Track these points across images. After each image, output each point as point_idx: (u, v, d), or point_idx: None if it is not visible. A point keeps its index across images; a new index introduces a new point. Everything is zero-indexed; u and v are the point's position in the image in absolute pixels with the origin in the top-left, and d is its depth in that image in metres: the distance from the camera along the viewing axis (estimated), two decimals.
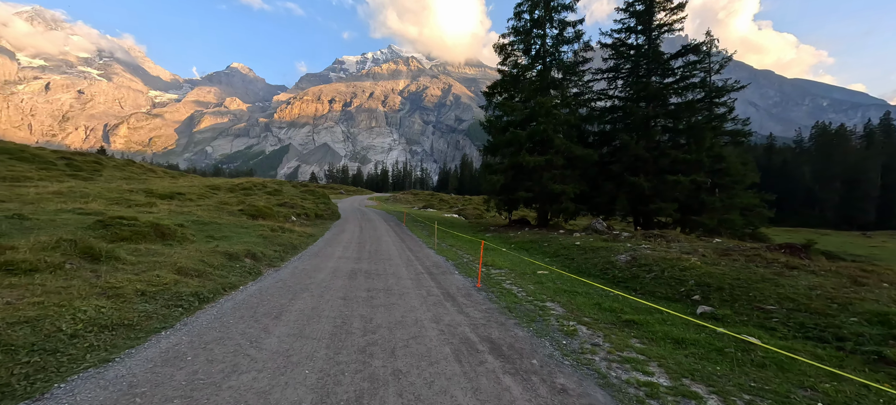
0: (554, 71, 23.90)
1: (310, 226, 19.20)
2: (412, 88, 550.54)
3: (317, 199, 29.79)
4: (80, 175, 23.63)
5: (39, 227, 7.84)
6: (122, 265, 5.98)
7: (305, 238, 13.63)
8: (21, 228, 7.61)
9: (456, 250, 13.55)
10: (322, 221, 21.48)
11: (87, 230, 8.25)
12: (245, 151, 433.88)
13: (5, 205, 10.65)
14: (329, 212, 24.88)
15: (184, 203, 17.58)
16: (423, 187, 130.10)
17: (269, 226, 14.18)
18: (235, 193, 25.16)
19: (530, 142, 21.16)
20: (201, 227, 11.80)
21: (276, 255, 9.73)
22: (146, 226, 9.05)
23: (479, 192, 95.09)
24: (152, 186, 20.57)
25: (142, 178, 26.46)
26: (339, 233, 16.22)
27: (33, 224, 7.97)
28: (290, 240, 12.10)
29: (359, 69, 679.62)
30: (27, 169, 20.66)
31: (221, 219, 14.25)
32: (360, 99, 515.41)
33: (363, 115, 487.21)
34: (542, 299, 6.86)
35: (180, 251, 7.69)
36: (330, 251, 11.35)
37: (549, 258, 12.42)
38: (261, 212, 17.70)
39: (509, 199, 22.36)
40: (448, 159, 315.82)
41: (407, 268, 9.42)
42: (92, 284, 4.80)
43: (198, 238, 10.40)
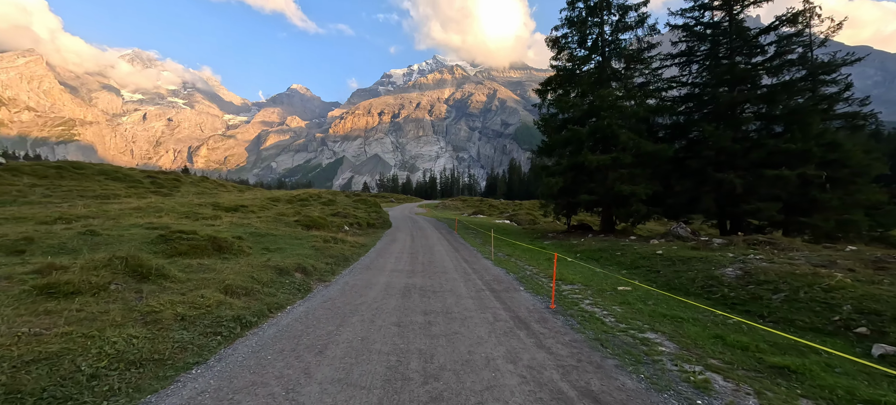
0: (614, 61, 21.78)
1: (362, 235, 19.03)
2: (457, 96, 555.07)
3: (368, 208, 30.04)
4: (162, 191, 25.88)
5: (107, 243, 8.02)
6: (170, 284, 5.65)
7: (357, 249, 13.22)
8: (90, 244, 7.81)
9: (515, 261, 12.31)
10: (374, 230, 21.29)
11: (149, 245, 8.34)
12: (304, 165, 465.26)
13: (89, 221, 11.41)
14: (380, 221, 24.79)
15: (246, 215, 18.25)
16: (471, 193, 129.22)
17: (322, 236, 14.01)
18: (293, 204, 26.05)
19: (591, 139, 19.27)
20: (258, 239, 11.80)
21: (327, 269, 9.24)
22: (204, 239, 9.02)
23: (529, 196, 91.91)
24: (220, 200, 21.80)
25: (212, 193, 28.49)
26: (391, 243, 15.71)
27: (103, 239, 8.19)
28: (341, 252, 11.69)
29: (405, 81, 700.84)
30: (118, 187, 22.97)
31: (278, 230, 14.37)
32: (407, 110, 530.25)
33: (411, 125, 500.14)
34: (638, 327, 5.46)
35: (233, 266, 7.40)
36: (382, 263, 10.72)
37: (628, 270, 10.71)
38: (315, 222, 17.81)
39: (569, 203, 20.53)
40: (495, 164, 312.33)
41: (465, 283, 8.41)
42: (131, 308, 4.39)
43: (254, 250, 10.30)
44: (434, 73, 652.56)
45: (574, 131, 18.95)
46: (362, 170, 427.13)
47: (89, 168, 25.75)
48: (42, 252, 6.99)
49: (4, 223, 10.62)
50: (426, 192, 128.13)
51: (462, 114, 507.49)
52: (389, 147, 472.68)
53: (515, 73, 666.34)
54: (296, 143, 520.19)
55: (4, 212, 12.37)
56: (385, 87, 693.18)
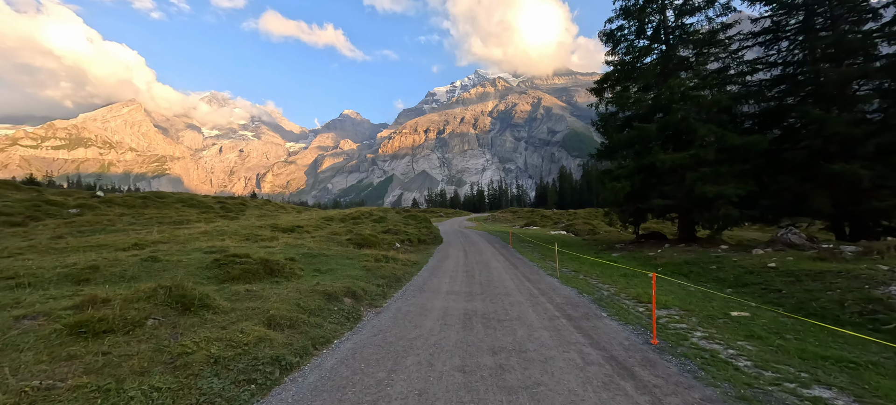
0: (681, 48, 19.43)
1: (413, 252, 18.43)
2: (501, 108, 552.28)
3: (419, 223, 29.68)
4: (229, 215, 27.60)
5: (166, 269, 8.01)
6: (212, 315, 5.19)
7: (409, 267, 12.51)
8: (150, 271, 7.83)
9: (585, 278, 10.79)
10: (425, 247, 20.65)
11: (204, 270, 8.23)
12: (357, 185, 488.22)
13: (158, 247, 11.92)
14: (431, 237, 24.16)
15: (301, 235, 18.53)
16: (520, 204, 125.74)
17: (374, 255, 13.53)
18: (346, 223, 26.41)
19: (661, 136, 17.13)
20: (310, 260, 11.54)
21: (378, 292, 8.53)
22: (256, 263, 8.79)
23: (582, 204, 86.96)
24: (278, 222, 22.58)
25: (273, 215, 29.92)
26: (444, 260, 14.84)
27: (163, 266, 8.23)
28: (393, 272, 11.02)
29: (448, 97, 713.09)
30: (192, 213, 24.82)
31: (330, 249, 14.16)
32: (451, 125, 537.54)
33: (456, 140, 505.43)
34: (793, 376, 3.92)
35: (281, 291, 6.92)
36: (436, 283, 9.82)
37: (733, 289, 8.75)
38: (367, 240, 17.54)
39: (637, 210, 18.32)
40: (544, 173, 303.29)
41: (533, 307, 7.20)
42: (161, 349, 3.86)
43: (305, 272, 9.96)
44: (476, 88, 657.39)
45: (640, 129, 16.94)
46: (411, 186, 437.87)
47: (169, 197, 28.32)
48: (105, 280, 7.04)
49: (89, 250, 11.39)
50: (474, 206, 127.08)
51: (506, 125, 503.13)
52: (436, 163, 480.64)
53: (560, 80, 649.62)
54: (349, 165, 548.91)
55: (92, 240, 13.44)
56: (429, 105, 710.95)
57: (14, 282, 6.16)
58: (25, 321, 3.97)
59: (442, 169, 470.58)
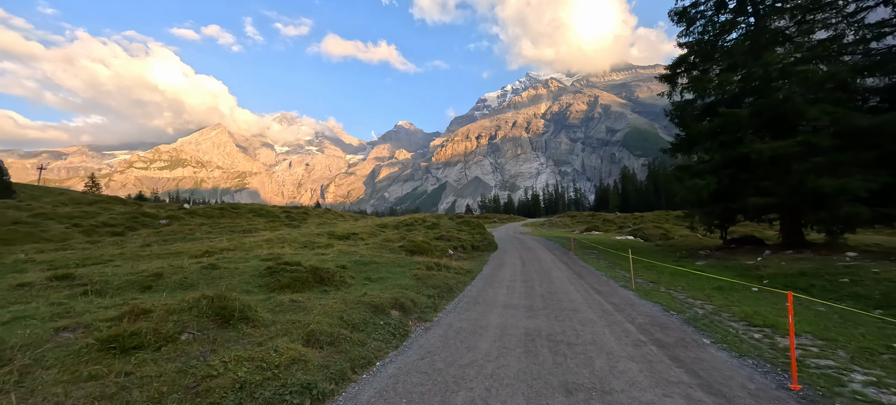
0: (774, 19, 16.51)
1: (467, 259, 17.65)
2: (554, 109, 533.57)
3: (472, 229, 28.88)
4: (293, 224, 29.16)
5: (222, 277, 8.10)
6: (250, 330, 4.84)
7: (462, 276, 11.72)
8: (208, 278, 7.95)
9: (668, 290, 9.16)
10: (479, 253, 19.76)
11: (256, 278, 8.20)
12: (412, 193, 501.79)
13: (225, 254, 12.50)
14: (485, 243, 23.19)
15: (355, 242, 18.70)
16: (578, 208, 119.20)
17: (425, 262, 12.97)
18: (399, 230, 26.47)
19: (755, 122, 14.54)
20: (361, 268, 11.28)
21: (429, 303, 7.85)
22: (307, 271, 8.61)
23: (649, 207, 79.55)
24: (335, 229, 23.21)
25: (332, 223, 31.11)
26: (499, 268, 13.83)
27: (220, 273, 8.35)
28: (445, 281, 10.31)
29: (500, 102, 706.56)
30: (260, 222, 26.59)
31: (382, 257, 13.91)
32: (503, 130, 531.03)
33: (508, 144, 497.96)
34: None
35: (327, 302, 6.52)
36: (491, 295, 8.91)
37: (883, 310, 6.68)
38: (419, 247, 17.14)
39: (725, 211, 15.72)
40: (603, 175, 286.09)
41: (609, 327, 6.00)
42: (186, 371, 3.48)
43: (356, 280, 9.66)
44: (528, 90, 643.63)
45: (727, 116, 14.52)
46: (464, 193, 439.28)
47: (242, 208, 30.77)
48: (166, 288, 7.21)
49: (166, 257, 12.28)
50: (529, 211, 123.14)
51: (561, 126, 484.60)
52: (488, 168, 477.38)
53: (618, 75, 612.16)
54: (404, 174, 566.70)
55: (172, 248, 14.59)
56: (480, 111, 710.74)
57: (84, 288, 6.44)
58: (65, 333, 3.85)
59: (495, 174, 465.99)
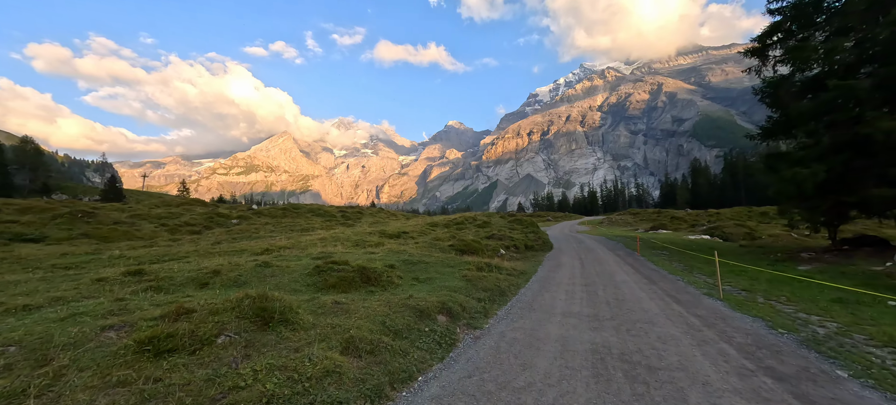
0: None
1: (520, 259, 16.72)
2: (612, 100, 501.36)
3: (525, 228, 27.65)
4: (348, 223, 30.18)
5: (274, 275, 8.20)
6: (289, 333, 4.59)
7: (515, 278, 10.92)
8: (260, 276, 8.07)
9: (767, 301, 7.59)
10: (533, 253, 18.69)
11: (304, 277, 8.17)
12: (462, 192, 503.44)
13: (284, 251, 12.96)
14: (540, 242, 21.96)
15: (405, 241, 18.65)
16: (640, 205, 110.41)
17: (476, 263, 12.35)
18: (449, 229, 26.13)
19: (879, 95, 11.85)
20: (409, 267, 10.97)
21: (479, 308, 7.22)
22: (353, 271, 8.43)
23: (724, 203, 70.84)
24: (387, 228, 23.47)
25: (384, 222, 31.71)
26: (556, 270, 12.77)
27: (272, 271, 8.48)
28: (496, 283, 9.60)
29: (552, 97, 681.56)
30: (318, 221, 27.85)
31: (431, 256, 13.54)
32: (556, 125, 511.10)
33: (562, 140, 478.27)
34: None
35: (371, 304, 6.19)
36: (548, 300, 8.04)
37: None
38: (469, 246, 16.57)
39: (838, 205, 13.05)
40: (669, 168, 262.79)
41: (699, 347, 4.91)
42: (215, 380, 3.23)
43: (404, 280, 9.35)
44: (582, 83, 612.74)
45: (840, 89, 11.99)
46: (516, 191, 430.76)
47: (302, 208, 32.57)
48: (221, 284, 7.40)
49: (231, 254, 13.04)
50: (586, 208, 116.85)
51: (620, 118, 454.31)
52: (541, 165, 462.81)
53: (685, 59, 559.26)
54: (454, 173, 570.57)
55: (237, 245, 15.57)
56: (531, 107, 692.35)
57: (149, 284, 6.76)
58: (109, 332, 3.83)
59: (547, 171, 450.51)
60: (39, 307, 5.06)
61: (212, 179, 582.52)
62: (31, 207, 22.69)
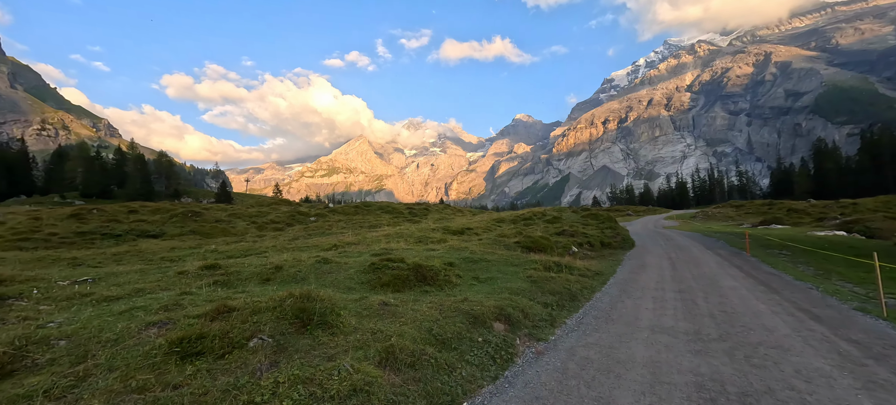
0: None
1: (594, 258, 15.03)
2: (704, 78, 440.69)
3: (601, 223, 25.21)
4: (414, 219, 30.64)
5: (331, 272, 8.17)
6: (327, 338, 4.23)
7: (589, 280, 9.60)
8: (318, 272, 8.10)
9: None
10: (610, 252, 16.75)
11: (359, 274, 7.99)
12: (532, 187, 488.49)
13: (349, 248, 13.26)
14: (618, 239, 19.68)
15: (469, 238, 18.06)
16: (744, 196, 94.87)
17: (543, 261, 11.22)
18: (516, 224, 24.90)
19: None
20: (470, 266, 10.32)
21: (544, 315, 6.26)
22: (408, 269, 8.04)
23: (862, 192, 56.97)
24: (451, 224, 23.14)
25: (449, 218, 31.59)
26: (639, 271, 11.05)
27: (331, 268, 8.48)
28: (566, 285, 8.45)
29: (630, 80, 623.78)
30: (386, 218, 28.73)
31: (494, 254, 12.72)
32: (636, 111, 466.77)
33: (642, 126, 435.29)
34: None
35: (420, 308, 5.66)
36: (630, 309, 6.73)
37: None
38: (537, 243, 15.37)
39: None
40: (783, 152, 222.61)
41: (867, 391, 3.40)
42: (235, 390, 2.92)
43: (463, 279, 8.75)
44: (667, 62, 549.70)
45: None
46: (590, 184, 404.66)
47: (373, 206, 33.99)
48: (282, 280, 7.54)
49: (304, 249, 13.73)
50: (673, 201, 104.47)
51: (715, 97, 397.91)
52: (618, 156, 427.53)
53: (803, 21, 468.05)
54: (523, 168, 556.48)
55: (310, 241, 16.48)
56: (606, 93, 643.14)
57: (217, 279, 7.08)
58: (151, 329, 3.82)
59: (626, 162, 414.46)
60: (118, 298, 5.44)
61: (300, 182, 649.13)
62: (158, 209, 27.09)
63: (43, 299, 5.32)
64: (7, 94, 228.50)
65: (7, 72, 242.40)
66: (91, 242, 15.95)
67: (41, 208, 30.13)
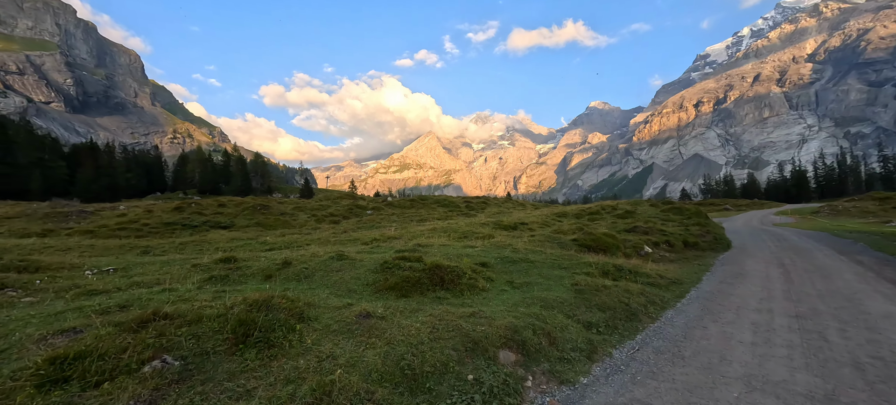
0: None
1: (673, 261, 12.33)
2: (833, 43, 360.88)
3: (686, 218, 21.34)
4: (469, 213, 29.43)
5: (342, 269, 7.39)
6: (259, 362, 3.27)
7: (659, 291, 7.47)
8: (327, 270, 7.37)
9: None
10: (696, 254, 13.74)
11: (369, 273, 7.06)
12: (609, 179, 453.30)
13: (381, 243, 12.62)
14: (709, 239, 16.19)
15: (520, 233, 16.37)
16: (889, 187, 75.13)
17: (600, 264, 9.23)
18: (581, 219, 22.31)
19: None
20: (507, 267, 8.85)
21: (581, 343, 4.61)
22: (422, 270, 6.90)
23: None
24: (505, 218, 21.48)
25: (507, 212, 29.72)
26: (734, 281, 8.45)
27: (343, 265, 7.70)
28: (624, 298, 6.53)
29: (731, 54, 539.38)
30: (440, 211, 28.01)
31: (543, 252, 10.96)
32: (738, 89, 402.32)
33: (747, 106, 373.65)
34: None
35: (412, 323, 4.48)
36: (715, 341, 4.71)
37: None
38: (598, 242, 13.15)
39: None
40: None
41: None
42: None
43: (495, 283, 7.43)
44: (780, 28, 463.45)
45: None
46: (678, 175, 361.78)
47: (429, 199, 33.60)
48: (285, 277, 6.95)
49: (345, 243, 13.48)
50: (787, 193, 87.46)
51: (847, 67, 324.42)
52: (714, 142, 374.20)
53: None
54: (599, 159, 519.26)
55: (355, 234, 16.27)
56: (699, 71, 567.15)
57: (222, 273, 6.69)
58: (58, 338, 3.23)
59: (724, 148, 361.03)
60: (105, 292, 5.19)
61: (375, 178, 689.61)
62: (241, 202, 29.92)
63: (41, 290, 5.26)
64: (150, 111, 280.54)
65: (150, 92, 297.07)
66: (172, 232, 17.80)
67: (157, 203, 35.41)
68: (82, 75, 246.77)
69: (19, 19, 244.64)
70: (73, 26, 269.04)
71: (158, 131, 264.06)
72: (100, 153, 55.31)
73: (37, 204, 28.82)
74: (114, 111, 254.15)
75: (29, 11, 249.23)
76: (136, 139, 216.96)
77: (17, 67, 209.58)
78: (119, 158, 59.41)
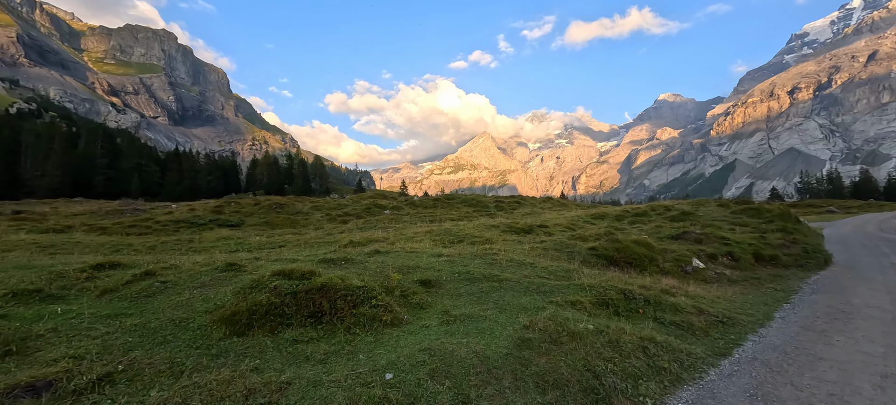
0: None
1: (735, 279, 8.82)
2: None
3: (765, 223, 16.56)
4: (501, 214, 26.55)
5: (235, 279, 5.49)
6: None
7: (683, 342, 4.47)
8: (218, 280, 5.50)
9: None
10: (773, 273, 9.87)
11: (233, 294, 5.06)
12: (681, 178, 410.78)
13: (362, 246, 10.71)
14: (796, 250, 11.84)
15: (533, 237, 13.53)
16: None
17: (607, 287, 6.31)
18: (621, 221, 18.59)
19: None
20: (463, 286, 6.44)
21: None
22: (307, 291, 4.76)
23: None
24: (527, 220, 18.49)
25: (537, 214, 26.35)
26: (832, 326, 5.06)
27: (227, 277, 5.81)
28: (600, 362, 3.76)
29: (836, 31, 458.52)
30: (464, 211, 25.67)
31: (535, 265, 8.18)
32: (846, 71, 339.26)
33: (859, 91, 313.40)
34: None
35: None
36: None
37: None
38: (624, 251, 9.96)
39: None
40: None
41: None
42: None
43: (425, 311, 5.37)
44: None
45: None
46: (767, 173, 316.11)
47: (456, 198, 31.34)
48: (121, 298, 5.21)
49: (320, 245, 11.83)
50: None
51: None
52: (815, 134, 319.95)
53: None
54: (669, 156, 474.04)
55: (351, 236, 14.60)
56: (794, 54, 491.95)
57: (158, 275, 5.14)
58: None
59: (828, 141, 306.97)
60: None
61: (430, 179, 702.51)
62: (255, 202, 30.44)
63: None
64: (234, 122, 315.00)
65: (234, 105, 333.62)
66: (177, 230, 17.75)
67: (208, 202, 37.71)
68: (181, 92, 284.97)
69: (135, 48, 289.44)
70: (174, 50, 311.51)
71: (240, 139, 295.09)
72: (184, 159, 61.94)
73: (106, 202, 32.00)
74: (205, 122, 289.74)
75: (142, 40, 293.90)
76: (223, 146, 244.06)
77: (133, 88, 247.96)
78: (202, 164, 66.00)
